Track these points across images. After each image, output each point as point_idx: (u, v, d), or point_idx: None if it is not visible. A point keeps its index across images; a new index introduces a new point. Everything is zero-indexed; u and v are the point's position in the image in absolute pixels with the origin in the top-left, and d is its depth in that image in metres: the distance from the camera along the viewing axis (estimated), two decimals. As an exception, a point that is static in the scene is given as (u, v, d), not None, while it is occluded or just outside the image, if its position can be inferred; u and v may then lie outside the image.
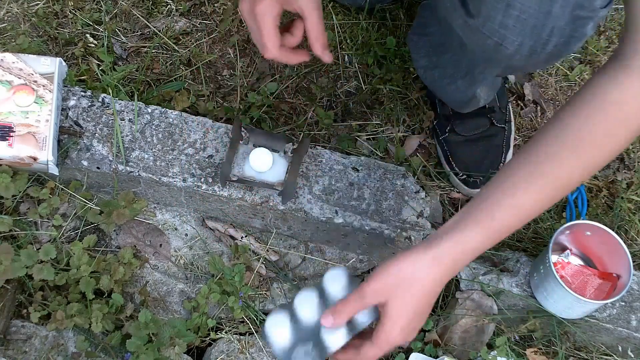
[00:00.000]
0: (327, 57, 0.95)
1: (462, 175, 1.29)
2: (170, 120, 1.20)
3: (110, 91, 1.22)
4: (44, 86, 1.14)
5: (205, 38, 1.43)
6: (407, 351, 1.17)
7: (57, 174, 1.15)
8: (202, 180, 1.16)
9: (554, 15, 0.83)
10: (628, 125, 0.83)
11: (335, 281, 0.89)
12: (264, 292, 1.21)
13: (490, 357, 1.16)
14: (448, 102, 1.30)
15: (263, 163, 1.13)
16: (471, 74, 1.15)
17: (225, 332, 1.18)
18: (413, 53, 1.28)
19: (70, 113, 1.18)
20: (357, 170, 1.20)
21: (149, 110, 1.21)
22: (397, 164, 1.30)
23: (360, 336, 0.87)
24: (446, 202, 1.32)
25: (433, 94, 1.34)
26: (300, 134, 1.34)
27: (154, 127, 1.19)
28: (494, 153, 1.31)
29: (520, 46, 0.88)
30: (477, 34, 0.91)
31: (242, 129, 1.17)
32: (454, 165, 1.30)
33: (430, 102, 1.37)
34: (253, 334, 1.17)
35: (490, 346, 1.18)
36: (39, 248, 1.12)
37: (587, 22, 0.85)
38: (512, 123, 1.35)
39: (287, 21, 0.99)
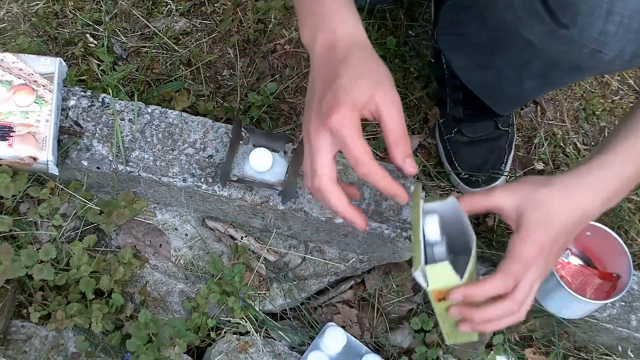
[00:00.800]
0: (410, 168, 0.84)
1: (464, 175, 1.30)
2: (170, 120, 1.20)
3: (110, 91, 1.22)
4: (44, 86, 1.14)
5: (205, 38, 1.43)
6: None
7: (57, 174, 1.15)
8: (202, 180, 1.16)
9: None
10: None
11: None
12: (264, 292, 1.21)
13: (489, 357, 1.16)
14: (494, 104, 1.25)
15: (263, 163, 1.13)
16: (545, 77, 1.10)
17: (225, 332, 1.18)
18: (449, 53, 1.24)
19: (70, 113, 1.18)
20: (357, 170, 1.20)
21: (149, 110, 1.21)
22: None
23: None
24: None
25: (446, 92, 1.33)
26: (300, 133, 1.34)
27: (154, 127, 1.19)
28: (497, 155, 1.32)
29: (622, 51, 0.84)
30: (570, 43, 0.86)
31: (242, 129, 1.17)
32: (457, 164, 1.31)
33: (439, 100, 1.37)
34: (253, 334, 1.17)
35: (490, 346, 1.18)
36: (39, 248, 1.12)
37: None
38: (514, 126, 1.36)
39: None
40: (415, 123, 1.38)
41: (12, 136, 1.10)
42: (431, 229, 0.89)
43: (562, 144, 1.41)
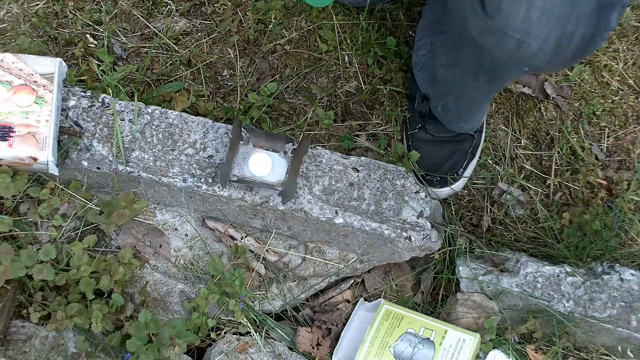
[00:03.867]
0: None
1: (419, 172, 1.28)
2: (170, 120, 1.20)
3: (110, 91, 1.22)
4: (44, 86, 1.14)
5: (205, 38, 1.43)
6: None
7: (57, 174, 1.15)
8: (202, 180, 1.16)
9: (579, 2, 0.82)
10: None
11: None
12: (264, 292, 1.21)
13: (489, 357, 1.16)
14: (458, 107, 1.26)
15: (262, 168, 1.13)
16: (493, 71, 1.11)
17: (225, 333, 1.18)
18: (432, 52, 1.25)
19: (70, 113, 1.18)
20: (357, 171, 1.20)
21: (149, 111, 1.21)
22: (396, 158, 1.30)
23: None
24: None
25: (417, 85, 1.33)
26: (300, 134, 1.34)
27: (154, 127, 1.19)
28: (457, 158, 1.31)
29: (545, 41, 0.85)
30: (497, 34, 0.88)
31: (242, 129, 1.17)
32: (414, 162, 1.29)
33: (409, 96, 1.36)
34: (253, 334, 1.17)
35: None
36: (39, 248, 1.12)
37: (612, 11, 0.84)
38: (483, 133, 1.35)
39: None
40: (415, 123, 1.39)
41: (12, 136, 1.10)
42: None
43: (567, 146, 1.41)
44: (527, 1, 0.83)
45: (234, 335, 1.18)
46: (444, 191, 1.30)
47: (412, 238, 1.16)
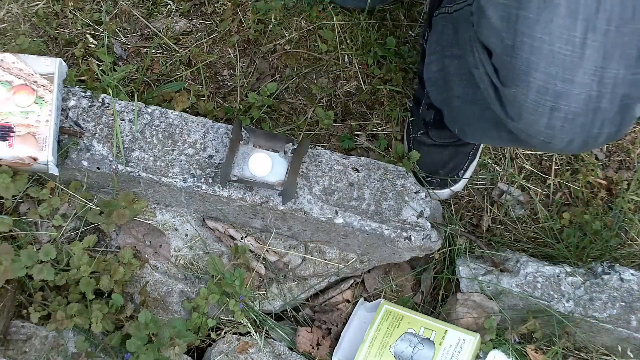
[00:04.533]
0: None
1: (420, 174, 1.28)
2: (170, 120, 1.20)
3: (110, 91, 1.22)
4: (44, 86, 1.14)
5: (205, 38, 1.43)
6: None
7: (57, 174, 1.15)
8: (202, 180, 1.16)
9: (602, 109, 0.82)
10: None
11: None
12: (264, 292, 1.21)
13: (489, 357, 1.16)
14: (477, 137, 1.19)
15: (262, 168, 1.13)
16: (517, 139, 1.01)
17: (225, 333, 1.18)
18: (446, 76, 1.18)
19: (70, 113, 1.18)
20: (357, 171, 1.20)
21: (149, 111, 1.21)
22: (396, 158, 1.30)
23: None
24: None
25: (424, 92, 1.30)
26: (300, 134, 1.34)
27: (154, 127, 1.19)
28: (458, 160, 1.30)
29: (570, 142, 0.85)
30: (520, 132, 0.88)
31: (242, 129, 1.17)
32: (415, 162, 1.29)
33: (415, 99, 1.35)
34: (253, 334, 1.17)
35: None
36: (39, 248, 1.12)
37: (634, 106, 0.84)
38: None
39: None
40: (415, 123, 1.39)
41: (12, 136, 1.10)
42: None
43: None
44: (548, 112, 0.82)
45: (234, 335, 1.18)
46: (445, 192, 1.30)
47: (412, 238, 1.16)
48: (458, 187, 1.31)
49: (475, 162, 1.33)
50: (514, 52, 0.82)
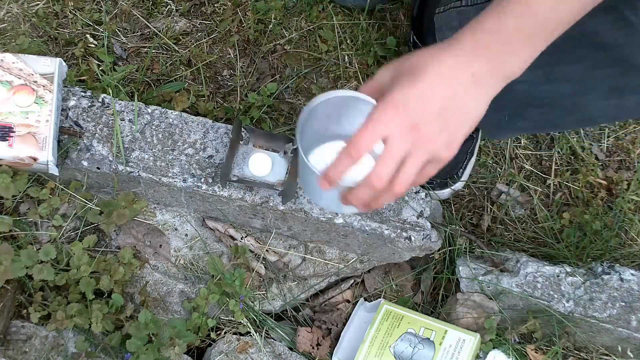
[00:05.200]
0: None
1: None
2: (170, 120, 1.20)
3: (110, 91, 1.22)
4: (44, 86, 1.14)
5: (205, 38, 1.43)
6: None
7: (57, 174, 1.15)
8: (202, 180, 1.16)
9: None
10: None
11: None
12: (264, 292, 1.21)
13: (489, 357, 1.16)
14: (550, 119, 1.08)
15: (262, 168, 1.13)
16: (621, 96, 0.95)
17: (225, 333, 1.18)
18: None
19: (70, 113, 1.18)
20: (357, 171, 1.20)
21: (149, 111, 1.21)
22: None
23: None
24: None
25: None
26: (300, 134, 1.33)
27: (154, 127, 1.19)
28: (457, 158, 1.30)
29: None
30: None
31: (242, 129, 1.17)
32: None
33: None
34: (253, 334, 1.17)
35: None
36: (39, 248, 1.12)
37: None
38: (480, 131, 1.35)
39: None
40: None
41: (12, 136, 1.10)
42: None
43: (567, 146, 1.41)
44: None
45: (234, 335, 1.18)
46: (446, 192, 1.30)
47: (412, 238, 1.16)
48: (458, 186, 1.31)
49: (473, 159, 1.33)
50: None
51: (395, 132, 0.74)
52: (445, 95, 0.74)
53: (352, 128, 0.82)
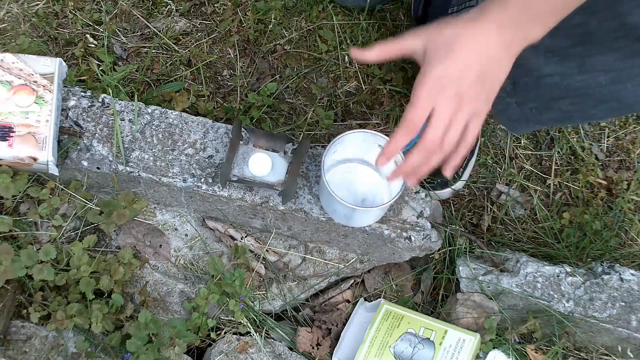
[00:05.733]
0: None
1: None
2: (170, 120, 1.20)
3: (110, 91, 1.22)
4: (44, 86, 1.14)
5: (205, 38, 1.43)
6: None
7: (57, 174, 1.15)
8: (202, 180, 1.16)
9: None
10: None
11: None
12: (264, 292, 1.21)
13: (489, 357, 1.16)
14: (578, 110, 1.09)
15: (262, 168, 1.13)
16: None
17: (225, 333, 1.18)
18: (527, 62, 1.07)
19: (70, 113, 1.18)
20: (357, 171, 1.20)
21: (149, 111, 1.21)
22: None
23: None
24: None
25: None
26: (300, 134, 1.34)
27: (154, 127, 1.19)
28: None
29: None
30: None
31: (242, 129, 1.17)
32: None
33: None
34: (253, 334, 1.17)
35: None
36: (39, 248, 1.12)
37: None
38: (480, 131, 1.34)
39: None
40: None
41: (12, 136, 1.10)
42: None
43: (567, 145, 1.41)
44: None
45: (234, 335, 1.18)
46: (446, 192, 1.30)
47: (412, 238, 1.16)
48: (459, 185, 1.31)
49: (474, 159, 1.33)
50: None
51: (441, 103, 0.84)
52: (482, 63, 0.84)
53: (358, 152, 1.12)
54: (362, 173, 1.16)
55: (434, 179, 1.28)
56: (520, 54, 0.96)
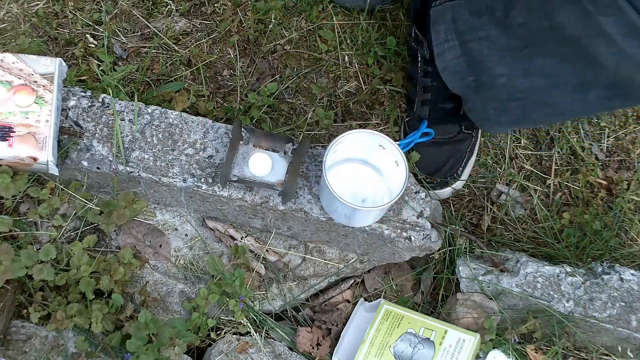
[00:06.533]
0: None
1: (420, 175, 1.28)
2: (170, 120, 1.20)
3: (110, 91, 1.22)
4: (44, 86, 1.14)
5: (205, 38, 1.43)
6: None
7: (57, 174, 1.15)
8: (202, 180, 1.16)
9: None
10: None
11: None
12: (264, 292, 1.21)
13: (489, 357, 1.16)
14: (528, 112, 1.12)
15: (262, 168, 1.13)
16: (625, 93, 0.94)
17: (225, 333, 1.18)
18: (472, 58, 1.11)
19: (70, 113, 1.18)
20: (357, 171, 1.20)
21: (149, 111, 1.21)
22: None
23: None
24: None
25: (416, 91, 1.31)
26: (300, 134, 1.34)
27: (154, 127, 1.19)
28: (457, 157, 1.30)
29: None
30: None
31: (242, 129, 1.17)
32: (415, 164, 1.29)
33: (408, 99, 1.36)
34: (253, 334, 1.17)
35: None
36: (39, 248, 1.12)
37: None
38: (480, 130, 1.34)
39: None
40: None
41: (12, 136, 1.10)
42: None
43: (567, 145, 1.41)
44: None
45: (234, 335, 1.18)
46: (446, 191, 1.30)
47: (412, 238, 1.16)
48: (458, 184, 1.31)
49: (473, 158, 1.33)
50: None
51: None
52: None
53: (358, 152, 1.14)
54: (362, 173, 1.16)
55: (434, 179, 1.28)
56: (480, 51, 0.95)
